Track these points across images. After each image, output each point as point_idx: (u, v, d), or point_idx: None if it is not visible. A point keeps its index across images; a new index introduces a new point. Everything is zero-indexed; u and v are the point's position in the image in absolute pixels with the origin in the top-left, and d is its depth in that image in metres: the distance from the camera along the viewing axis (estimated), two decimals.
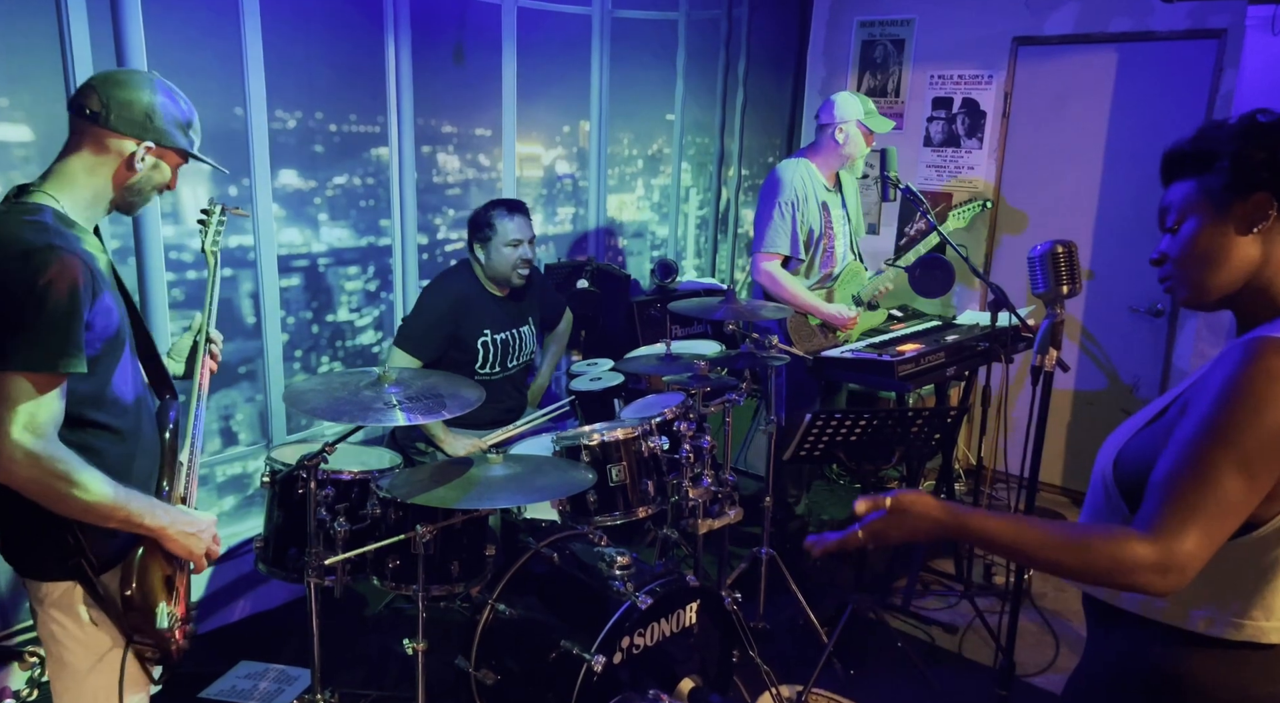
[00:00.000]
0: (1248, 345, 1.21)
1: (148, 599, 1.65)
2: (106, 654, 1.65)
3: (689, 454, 2.63)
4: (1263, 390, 1.17)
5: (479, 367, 3.12)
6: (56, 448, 1.49)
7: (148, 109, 1.63)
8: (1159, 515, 1.18)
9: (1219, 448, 1.18)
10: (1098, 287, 4.23)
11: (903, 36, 4.72)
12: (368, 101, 3.33)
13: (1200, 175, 1.30)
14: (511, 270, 3.10)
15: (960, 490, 4.11)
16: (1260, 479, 1.17)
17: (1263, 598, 1.26)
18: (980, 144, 4.54)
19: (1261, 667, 1.28)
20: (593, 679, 2.19)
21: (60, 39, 2.58)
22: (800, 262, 3.62)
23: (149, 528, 1.62)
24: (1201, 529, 1.16)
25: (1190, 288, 1.33)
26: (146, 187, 1.69)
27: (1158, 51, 4.01)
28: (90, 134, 1.61)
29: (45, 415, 1.48)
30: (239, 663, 2.97)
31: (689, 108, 4.62)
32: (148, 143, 1.64)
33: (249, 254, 3.12)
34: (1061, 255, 2.04)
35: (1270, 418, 1.16)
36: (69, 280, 1.47)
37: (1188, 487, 1.18)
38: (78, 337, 1.49)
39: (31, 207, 1.56)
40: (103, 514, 1.55)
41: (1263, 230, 1.26)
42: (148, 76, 1.69)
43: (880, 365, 3.23)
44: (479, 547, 2.46)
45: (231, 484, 3.21)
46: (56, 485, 1.49)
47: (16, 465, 1.46)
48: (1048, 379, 2.11)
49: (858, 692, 2.91)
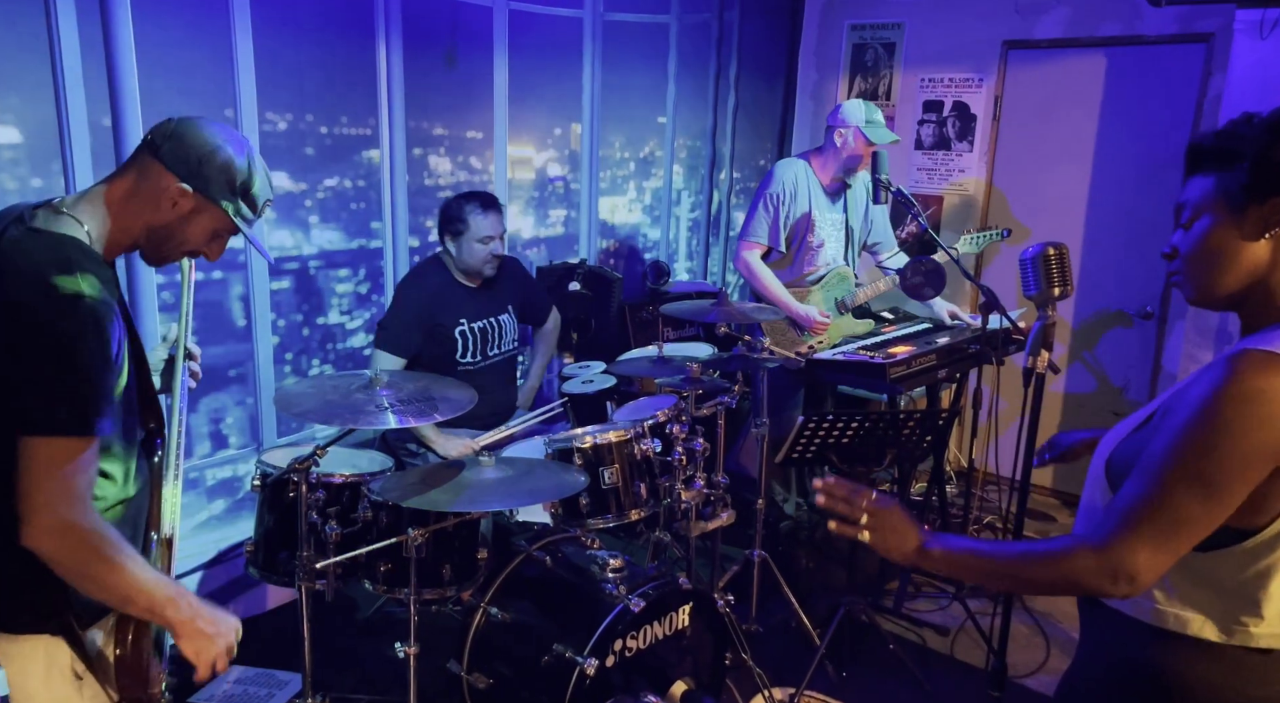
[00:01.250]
0: (1230, 361, 1.21)
1: (141, 660, 1.54)
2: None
3: (681, 457, 2.63)
4: (1232, 414, 1.17)
5: (460, 356, 3.12)
6: (97, 521, 1.37)
7: (204, 154, 1.52)
8: (1107, 526, 1.23)
9: (1176, 467, 1.19)
10: (1087, 289, 4.25)
11: (893, 40, 4.74)
12: (359, 104, 3.32)
13: (1220, 172, 1.28)
14: (482, 264, 3.12)
15: (952, 493, 4.12)
16: (1223, 496, 1.19)
17: (1255, 604, 1.26)
18: (971, 147, 4.56)
19: (1256, 670, 1.28)
20: (585, 683, 2.19)
21: (49, 40, 2.56)
22: (781, 254, 3.66)
23: (168, 621, 1.47)
24: (1150, 542, 1.19)
25: (1196, 287, 1.32)
26: (175, 236, 1.57)
27: (1147, 55, 4.03)
28: (141, 163, 1.53)
29: (82, 484, 1.36)
30: (229, 667, 2.95)
31: (681, 111, 4.62)
32: (186, 186, 1.51)
33: (239, 257, 3.11)
34: (1053, 258, 2.04)
35: (1237, 441, 1.17)
36: (104, 333, 1.36)
37: (1139, 501, 1.21)
38: (111, 393, 1.38)
39: (56, 238, 1.42)
40: (127, 598, 1.43)
41: (1275, 235, 1.25)
42: (235, 137, 1.58)
43: (872, 368, 3.24)
44: (471, 550, 2.45)
45: (221, 488, 3.19)
46: (92, 564, 1.37)
47: (53, 539, 1.34)
48: (1039, 381, 2.12)
49: (850, 694, 2.92)
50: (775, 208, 3.59)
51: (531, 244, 4.10)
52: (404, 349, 3.05)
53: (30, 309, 1.34)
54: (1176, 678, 1.29)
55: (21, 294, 1.35)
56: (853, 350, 3.48)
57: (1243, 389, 1.18)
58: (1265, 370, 1.18)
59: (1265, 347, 1.20)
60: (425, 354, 3.09)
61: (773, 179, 3.61)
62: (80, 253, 1.41)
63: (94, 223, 1.48)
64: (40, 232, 1.42)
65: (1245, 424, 1.17)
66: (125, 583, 1.41)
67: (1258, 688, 1.28)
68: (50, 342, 1.33)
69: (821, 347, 3.65)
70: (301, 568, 2.23)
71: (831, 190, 3.68)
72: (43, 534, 1.34)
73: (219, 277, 3.06)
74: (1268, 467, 1.18)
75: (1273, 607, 1.26)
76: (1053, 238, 2.24)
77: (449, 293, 3.13)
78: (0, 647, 1.50)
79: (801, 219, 3.61)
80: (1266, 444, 1.17)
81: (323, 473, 2.42)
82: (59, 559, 1.37)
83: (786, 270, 3.68)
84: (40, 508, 1.33)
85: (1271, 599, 1.26)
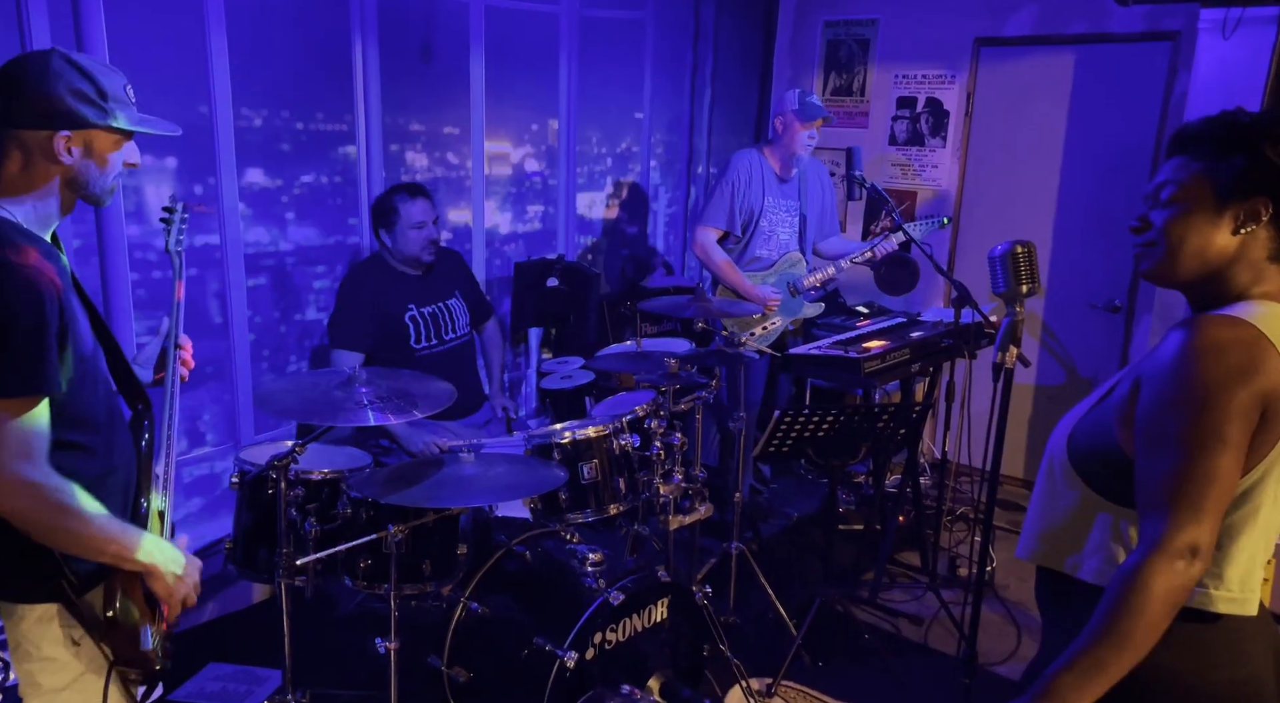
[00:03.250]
0: (1189, 323, 1.26)
1: (131, 620, 1.60)
2: (83, 676, 1.59)
3: (659, 451, 2.66)
4: (1212, 361, 1.22)
5: (415, 343, 3.14)
6: (51, 476, 1.42)
7: (43, 93, 1.48)
8: (1150, 522, 1.23)
9: (1185, 432, 1.22)
10: (1057, 283, 4.32)
11: (867, 37, 4.78)
12: (335, 99, 3.32)
13: (1212, 162, 1.31)
14: (420, 250, 3.14)
15: (926, 484, 4.18)
16: (1235, 444, 1.22)
17: (1217, 566, 1.30)
18: (944, 143, 4.62)
19: (1217, 652, 1.32)
20: (565, 675, 2.22)
21: (20, 38, 2.54)
22: (737, 239, 3.80)
23: (140, 565, 1.55)
24: (1196, 511, 1.21)
25: (1160, 265, 1.36)
26: (92, 175, 1.56)
27: (1114, 53, 4.10)
28: (7, 136, 1.50)
29: (36, 441, 1.41)
30: (207, 665, 2.95)
31: (657, 106, 4.64)
32: (63, 132, 1.50)
33: (215, 253, 3.09)
34: (1021, 256, 2.09)
35: (1228, 385, 1.21)
36: (34, 295, 1.40)
37: (1167, 479, 1.23)
38: (51, 354, 1.42)
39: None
40: (96, 548, 1.49)
41: (1247, 232, 1.29)
42: (40, 59, 1.51)
43: (847, 362, 3.28)
44: (450, 545, 2.46)
45: (199, 485, 3.18)
46: (53, 517, 1.43)
47: (13, 496, 1.39)
48: (1008, 376, 2.16)
49: (826, 683, 2.96)
50: (731, 194, 3.74)
51: (509, 239, 4.11)
52: (360, 343, 3.06)
53: None
54: (1143, 668, 1.32)
55: None
56: (827, 345, 3.52)
57: (1211, 339, 1.23)
58: (1226, 324, 1.24)
59: (1222, 311, 1.27)
60: (380, 345, 3.10)
61: (729, 167, 3.78)
62: (12, 229, 1.47)
63: (18, 208, 1.52)
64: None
65: (1225, 371, 1.21)
66: (91, 533, 1.47)
67: (1219, 672, 1.32)
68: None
69: (773, 327, 3.80)
70: (281, 565, 2.23)
71: (784, 178, 3.82)
72: (4, 493, 1.39)
73: (194, 273, 3.05)
74: (1257, 410, 1.22)
75: (1234, 569, 1.30)
76: (1024, 232, 2.29)
77: (392, 283, 3.15)
78: (4, 613, 1.57)
79: (755, 206, 3.76)
80: (1252, 388, 1.21)
81: (301, 470, 2.42)
82: (23, 516, 1.42)
83: (741, 255, 3.81)
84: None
85: (1232, 562, 1.30)
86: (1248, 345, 1.22)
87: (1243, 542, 1.30)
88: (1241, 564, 1.31)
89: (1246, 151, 1.28)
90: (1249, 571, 1.31)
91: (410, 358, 3.09)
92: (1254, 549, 1.31)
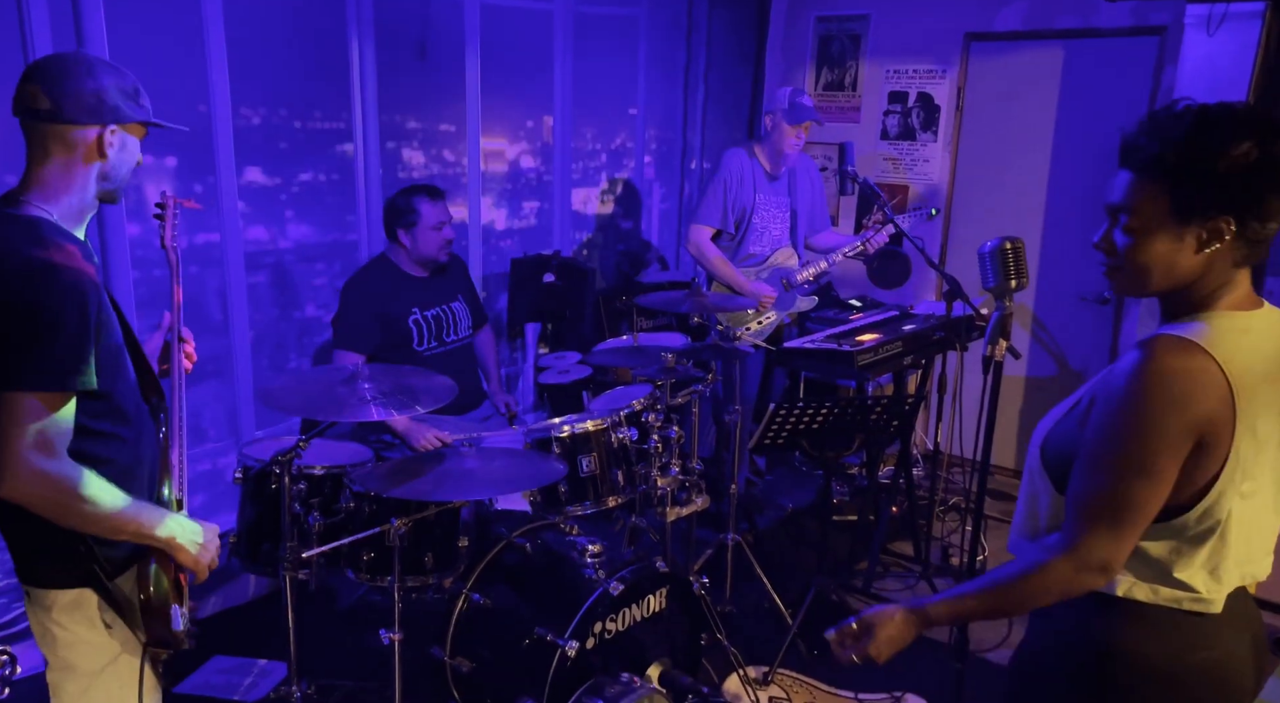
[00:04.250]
0: (1145, 345, 1.30)
1: (164, 602, 1.65)
2: (118, 658, 1.65)
3: (657, 444, 2.70)
4: (1151, 395, 1.26)
5: (417, 345, 3.17)
6: (67, 466, 1.47)
7: (96, 90, 1.56)
8: (1067, 527, 1.34)
9: (1114, 455, 1.29)
10: (1048, 275, 4.37)
11: (859, 32, 4.81)
12: (332, 98, 3.34)
13: (1166, 184, 1.29)
14: (438, 252, 3.18)
15: (918, 475, 4.23)
16: (1160, 475, 1.28)
17: (1179, 570, 1.35)
18: (935, 137, 4.66)
19: (1191, 634, 1.36)
20: (566, 664, 2.26)
21: (21, 37, 2.56)
22: (730, 236, 3.84)
23: (160, 540, 1.61)
24: (1109, 531, 1.30)
25: (1131, 286, 1.38)
26: (123, 170, 1.65)
27: (1102, 48, 4.14)
28: (52, 134, 1.56)
29: (56, 434, 1.46)
30: (212, 657, 2.99)
31: (651, 102, 4.67)
32: (110, 125, 1.58)
33: (215, 251, 3.12)
34: (1009, 251, 2.13)
35: (1159, 420, 1.26)
36: (79, 295, 1.46)
37: (1089, 496, 1.32)
38: (89, 352, 1.47)
39: (25, 220, 1.52)
40: (115, 527, 1.55)
41: (1211, 251, 1.30)
42: (79, 56, 1.61)
43: (840, 355, 3.32)
44: (452, 539, 2.51)
45: (202, 480, 3.21)
46: (69, 503, 1.47)
47: (27, 485, 1.44)
48: (998, 368, 2.21)
49: (821, 671, 3.01)
50: (723, 193, 3.77)
51: (505, 235, 4.14)
52: (362, 345, 3.08)
53: (9, 282, 1.44)
54: (1115, 647, 1.38)
55: (4, 270, 1.45)
56: (821, 338, 3.57)
57: (1158, 368, 1.27)
58: (1178, 351, 1.27)
59: (1178, 332, 1.29)
60: (383, 346, 3.13)
61: (722, 166, 3.81)
62: (52, 230, 1.52)
63: (55, 205, 1.57)
64: (15, 215, 1.54)
65: (1164, 404, 1.26)
66: (106, 514, 1.52)
67: (1193, 653, 1.36)
68: (28, 309, 1.43)
69: (769, 322, 3.85)
70: (286, 558, 2.27)
71: (774, 176, 3.86)
72: (20, 482, 1.43)
73: (195, 271, 3.08)
74: (1189, 442, 1.27)
75: (1198, 576, 1.35)
76: (1014, 225, 2.33)
77: (398, 285, 3.17)
78: (38, 600, 1.61)
79: (747, 204, 3.80)
80: (1186, 420, 1.26)
81: (304, 465, 2.46)
82: (39, 505, 1.47)
83: (735, 252, 3.85)
84: (13, 458, 1.42)
85: (1197, 570, 1.35)
86: (1191, 376, 1.26)
87: (1206, 552, 1.34)
88: (1205, 571, 1.35)
89: (1201, 172, 1.26)
90: (1214, 575, 1.35)
91: (413, 359, 3.13)
92: (1219, 558, 1.35)
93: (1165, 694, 1.37)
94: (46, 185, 1.57)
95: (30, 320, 1.43)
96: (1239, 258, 1.32)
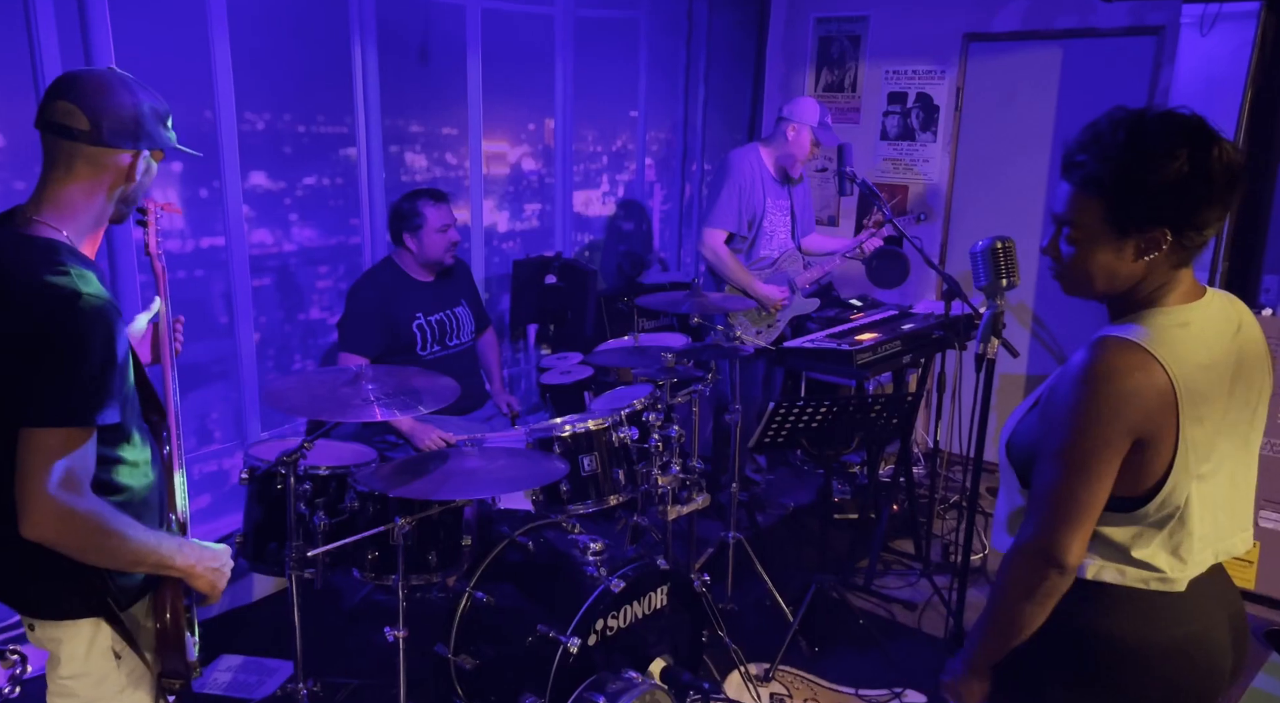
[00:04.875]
0: (1091, 347, 1.35)
1: (180, 631, 1.61)
2: (124, 690, 1.59)
3: (658, 444, 2.73)
4: (1091, 394, 1.31)
5: (420, 349, 3.20)
6: (92, 502, 1.42)
7: (136, 114, 1.51)
8: (1025, 524, 1.40)
9: (1060, 454, 1.34)
10: (1046, 274, 4.38)
11: (858, 33, 4.84)
12: (335, 102, 3.38)
13: (1104, 198, 1.33)
14: (443, 254, 3.21)
15: (919, 473, 4.25)
16: (1097, 474, 1.33)
17: (1143, 554, 1.39)
18: (935, 137, 4.68)
19: (1161, 612, 1.41)
20: (569, 661, 2.29)
21: (30, 46, 2.60)
22: (744, 240, 3.85)
23: (178, 569, 1.56)
24: (1061, 526, 1.35)
25: (1077, 290, 1.45)
26: (141, 193, 1.61)
27: (1100, 48, 4.16)
28: (82, 155, 1.49)
29: (82, 471, 1.40)
30: (219, 657, 3.02)
31: (652, 104, 4.70)
32: (143, 149, 1.54)
33: (221, 255, 3.16)
34: (1000, 251, 2.16)
35: (1096, 420, 1.31)
36: (104, 327, 1.40)
37: (1042, 492, 1.37)
38: (113, 384, 1.42)
39: (41, 243, 1.45)
40: (137, 560, 1.51)
41: (1149, 259, 1.35)
42: (115, 75, 1.55)
43: (839, 354, 3.35)
44: (455, 537, 2.54)
45: (208, 481, 3.25)
46: (96, 540, 1.43)
47: (55, 525, 1.38)
48: (990, 366, 2.24)
49: (822, 667, 3.04)
50: (737, 196, 3.78)
51: (507, 237, 4.18)
52: (367, 348, 3.09)
53: (31, 311, 1.38)
54: (1087, 630, 1.42)
55: (22, 297, 1.39)
56: (821, 338, 3.59)
57: (1099, 369, 1.32)
58: (1119, 352, 1.32)
59: (1121, 334, 1.34)
60: (387, 350, 3.15)
61: (732, 168, 3.80)
62: (70, 255, 1.46)
63: (69, 226, 1.50)
64: (29, 237, 1.46)
65: (1102, 403, 1.30)
66: (131, 549, 1.48)
67: (1164, 631, 1.41)
68: (51, 341, 1.37)
69: (780, 325, 3.90)
70: (291, 558, 2.30)
71: (779, 179, 3.89)
72: (44, 522, 1.37)
73: (201, 274, 3.11)
74: (1127, 441, 1.32)
75: (1159, 559, 1.39)
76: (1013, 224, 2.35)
77: (403, 290, 3.20)
78: (45, 632, 1.56)
79: (758, 207, 3.82)
80: (1123, 422, 1.30)
81: (309, 465, 2.49)
82: (64, 543, 1.41)
83: (748, 255, 3.87)
84: (36, 496, 1.36)
85: (1160, 552, 1.39)
86: (1131, 376, 1.30)
87: (1165, 535, 1.39)
88: (1166, 552, 1.39)
89: (1135, 188, 1.30)
90: (1177, 555, 1.40)
91: (416, 362, 3.15)
92: (1180, 538, 1.39)
93: (1138, 673, 1.41)
94: (63, 205, 1.51)
95: (53, 353, 1.37)
96: (1177, 261, 1.37)
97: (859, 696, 2.91)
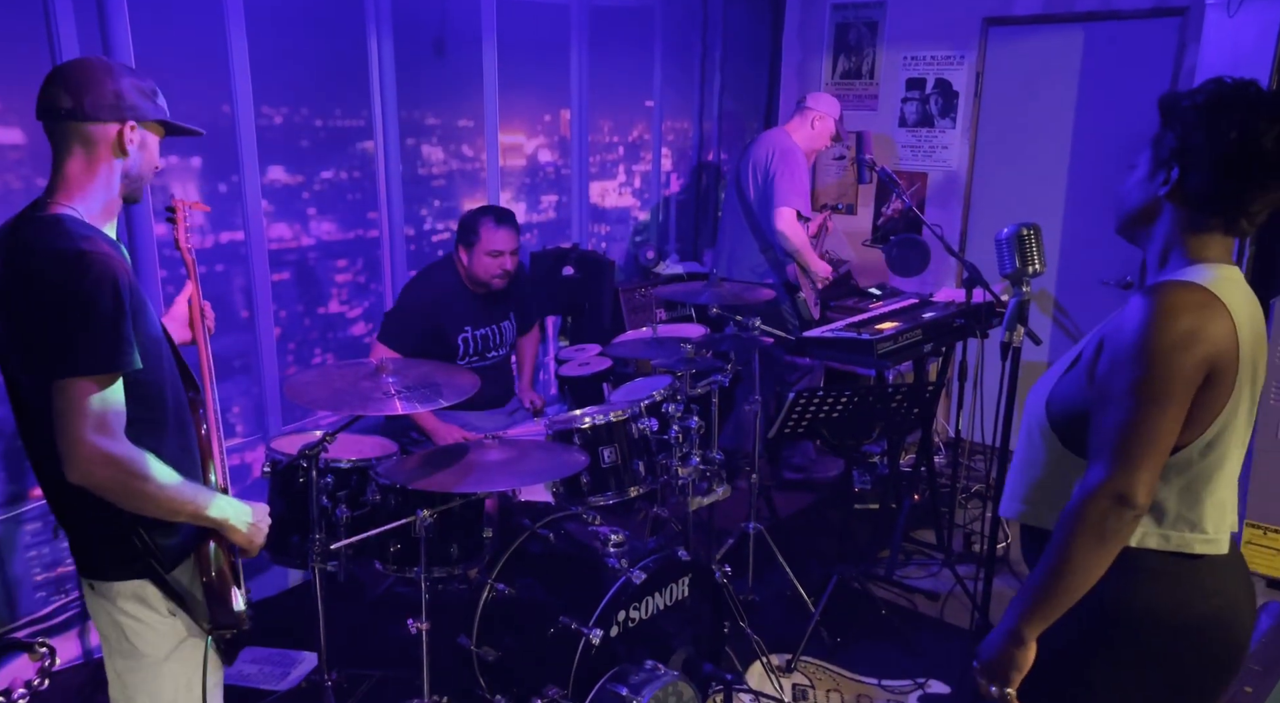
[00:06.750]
0: (1152, 290, 1.37)
1: (225, 585, 1.69)
2: (184, 642, 1.70)
3: (678, 435, 2.72)
4: (1167, 327, 1.32)
5: (459, 359, 3.20)
6: (129, 447, 1.51)
7: (116, 88, 1.60)
8: (1092, 470, 1.36)
9: (1134, 389, 1.33)
10: (1069, 261, 4.34)
11: (875, 19, 4.79)
12: (352, 96, 3.38)
13: (1159, 132, 1.44)
14: (489, 278, 3.15)
15: (940, 463, 4.23)
16: (1175, 405, 1.32)
17: (1189, 510, 1.40)
18: (954, 124, 4.63)
19: (1194, 583, 1.41)
20: (591, 652, 2.29)
21: (49, 40, 2.61)
22: (805, 220, 3.97)
23: (214, 520, 1.65)
24: (1135, 462, 1.32)
25: (1117, 216, 1.51)
26: (143, 169, 1.68)
27: (1123, 30, 4.10)
28: (73, 133, 1.59)
29: (113, 415, 1.50)
30: (244, 648, 3.03)
31: (668, 93, 4.68)
32: (129, 122, 1.62)
33: (241, 249, 3.17)
34: (1026, 237, 2.13)
35: (1176, 350, 1.31)
36: (110, 280, 1.49)
37: (1114, 430, 1.34)
38: (128, 332, 1.51)
39: (50, 218, 1.56)
40: (175, 508, 1.59)
41: (1172, 202, 1.41)
42: (98, 60, 1.65)
43: (860, 344, 3.32)
44: (476, 530, 2.54)
45: (230, 475, 3.24)
46: (133, 483, 1.51)
47: (95, 467, 1.48)
48: (1015, 354, 2.21)
49: (844, 658, 3.03)
50: (805, 176, 3.92)
51: (525, 229, 4.17)
52: (403, 346, 3.09)
53: (44, 274, 1.49)
54: (1125, 601, 1.42)
55: (36, 264, 1.50)
56: (841, 327, 3.57)
57: (1168, 304, 1.33)
58: (1185, 290, 1.35)
59: (1182, 277, 1.37)
60: (424, 352, 3.13)
61: (790, 151, 3.90)
62: (77, 224, 1.56)
63: (80, 203, 1.60)
64: (42, 217, 1.58)
65: (1176, 335, 1.31)
66: (169, 496, 1.56)
67: (1203, 602, 1.41)
68: (66, 297, 1.47)
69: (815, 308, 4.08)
70: (314, 550, 2.31)
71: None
72: (86, 465, 1.47)
73: (221, 269, 3.13)
74: (1201, 373, 1.33)
75: (1208, 514, 1.40)
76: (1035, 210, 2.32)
77: (455, 298, 3.18)
78: (98, 591, 1.67)
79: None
80: (1197, 350, 1.32)
81: (331, 459, 2.50)
82: (106, 486, 1.51)
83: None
84: (78, 442, 1.46)
85: (1205, 507, 1.40)
86: (1199, 309, 1.33)
87: (1212, 487, 1.41)
88: (1213, 508, 1.41)
89: (1179, 131, 1.40)
90: (1220, 514, 1.42)
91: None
92: (1223, 494, 1.42)
93: (1172, 644, 1.42)
94: (70, 183, 1.61)
95: (70, 308, 1.47)
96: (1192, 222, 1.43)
97: (882, 686, 2.90)
